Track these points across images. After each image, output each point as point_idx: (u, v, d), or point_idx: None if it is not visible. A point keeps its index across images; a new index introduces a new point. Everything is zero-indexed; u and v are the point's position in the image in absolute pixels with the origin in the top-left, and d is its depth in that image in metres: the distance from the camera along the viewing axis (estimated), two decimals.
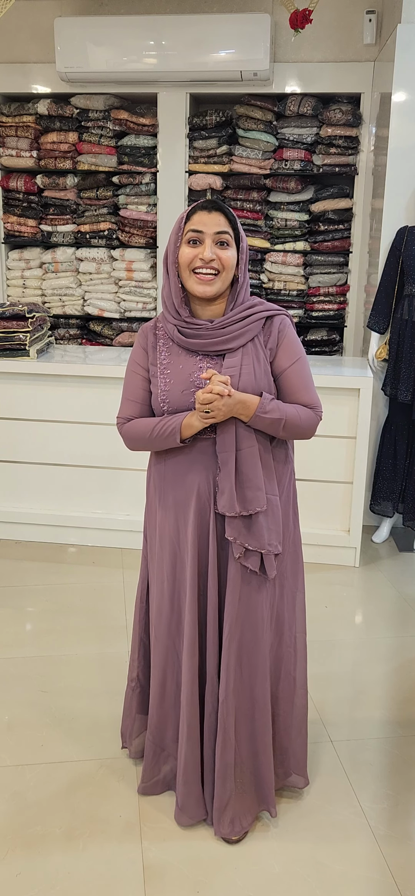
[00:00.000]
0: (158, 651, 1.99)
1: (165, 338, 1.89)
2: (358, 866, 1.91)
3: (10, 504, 3.76)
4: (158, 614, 1.98)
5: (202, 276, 1.78)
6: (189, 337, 1.84)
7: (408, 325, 3.59)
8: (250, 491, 1.80)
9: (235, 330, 1.82)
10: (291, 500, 1.96)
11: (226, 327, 1.82)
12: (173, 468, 1.90)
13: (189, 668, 1.90)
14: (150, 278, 4.67)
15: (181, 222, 1.82)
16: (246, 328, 1.83)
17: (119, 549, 3.69)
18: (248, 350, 1.83)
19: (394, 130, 3.62)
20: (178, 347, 1.87)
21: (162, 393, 1.85)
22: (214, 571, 1.87)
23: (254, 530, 1.82)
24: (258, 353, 1.84)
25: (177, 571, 1.93)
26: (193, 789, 1.97)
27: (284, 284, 4.56)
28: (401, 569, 3.61)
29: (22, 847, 1.93)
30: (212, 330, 1.82)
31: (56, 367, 3.59)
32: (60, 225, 4.72)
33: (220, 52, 4.12)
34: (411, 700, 2.61)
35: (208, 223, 1.78)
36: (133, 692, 2.14)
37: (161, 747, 2.05)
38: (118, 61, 4.19)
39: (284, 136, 4.37)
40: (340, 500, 3.57)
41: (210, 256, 1.77)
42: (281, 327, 1.86)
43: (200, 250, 1.78)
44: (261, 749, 1.95)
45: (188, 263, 1.79)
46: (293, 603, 1.99)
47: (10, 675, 2.67)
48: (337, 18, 4.21)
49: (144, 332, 1.94)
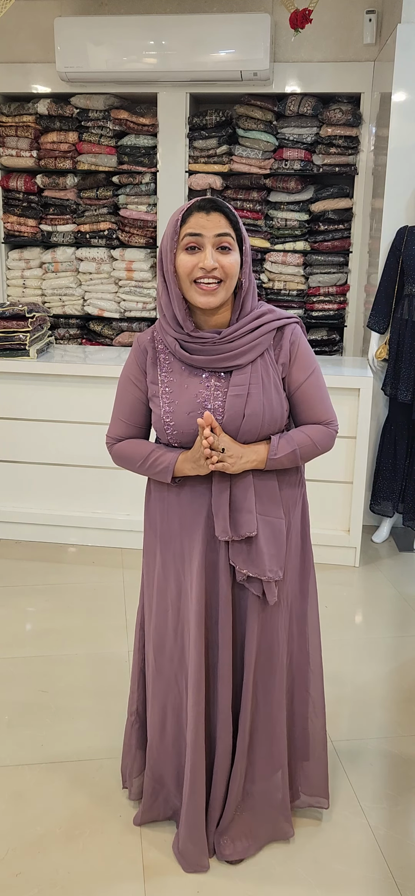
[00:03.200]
0: (159, 685, 1.88)
1: (166, 352, 1.73)
2: (358, 866, 1.91)
3: (10, 504, 3.76)
4: (159, 645, 1.85)
5: (204, 286, 1.61)
6: (193, 353, 1.68)
7: (408, 324, 3.59)
8: (241, 514, 1.70)
9: (245, 343, 1.66)
10: (303, 519, 1.86)
11: (234, 340, 1.67)
12: (177, 493, 1.76)
13: (194, 705, 1.76)
14: (150, 278, 4.67)
15: (176, 225, 1.62)
16: (256, 342, 1.67)
17: (119, 549, 3.69)
18: (257, 367, 1.68)
19: (394, 130, 3.62)
20: (179, 363, 1.71)
21: (166, 415, 1.70)
22: (226, 600, 1.75)
23: (253, 556, 1.71)
24: (268, 369, 1.69)
25: (181, 602, 1.80)
26: (195, 834, 1.84)
27: (284, 284, 4.56)
28: (401, 569, 3.61)
29: (22, 847, 1.93)
30: (219, 344, 1.66)
31: (56, 367, 3.59)
32: (60, 225, 4.72)
33: (220, 52, 4.12)
34: (411, 700, 2.61)
35: (207, 226, 1.60)
36: (133, 727, 2.01)
37: (161, 784, 1.95)
38: (118, 61, 4.19)
39: (284, 135, 4.37)
40: (340, 500, 3.57)
41: (212, 265, 1.59)
42: (293, 339, 1.72)
43: (199, 258, 1.60)
44: (279, 773, 1.89)
45: (188, 273, 1.61)
46: (306, 622, 1.90)
47: (10, 675, 2.67)
48: (337, 18, 4.21)
49: (140, 347, 1.76)
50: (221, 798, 1.86)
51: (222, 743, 1.82)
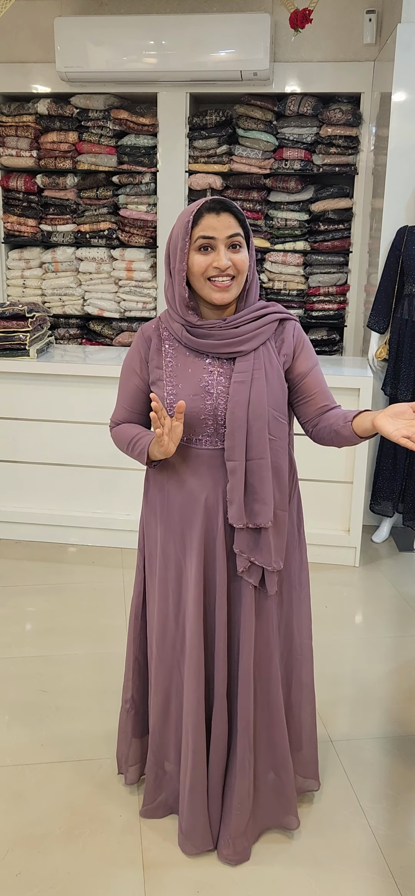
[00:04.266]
0: (161, 671, 1.90)
1: (171, 339, 1.79)
2: (358, 866, 1.91)
3: (10, 504, 3.76)
4: (161, 633, 1.88)
5: (219, 283, 1.68)
6: (200, 337, 1.74)
7: (408, 324, 3.59)
8: (257, 504, 1.73)
9: (250, 331, 1.73)
10: (298, 507, 1.91)
11: (239, 326, 1.73)
12: (176, 479, 1.80)
13: (194, 690, 1.80)
14: (150, 278, 4.67)
15: (188, 226, 1.68)
16: (260, 330, 1.74)
17: (119, 549, 3.69)
18: (259, 354, 1.74)
19: (394, 130, 3.62)
20: (184, 349, 1.77)
21: (169, 396, 1.75)
22: (223, 587, 1.79)
23: (261, 545, 1.75)
24: (271, 358, 1.75)
25: (182, 588, 1.84)
26: (199, 818, 1.88)
27: (284, 284, 4.56)
28: (401, 569, 3.61)
29: (22, 847, 1.93)
30: (225, 329, 1.73)
31: (56, 367, 3.59)
32: (60, 225, 4.72)
33: (220, 52, 4.12)
34: (411, 700, 2.61)
35: (219, 227, 1.67)
36: (128, 714, 2.04)
37: (164, 770, 1.98)
38: (118, 61, 4.19)
39: (284, 135, 4.37)
40: (340, 500, 3.57)
41: (226, 264, 1.67)
42: (296, 333, 1.80)
43: (213, 257, 1.67)
44: (281, 762, 1.90)
45: (202, 272, 1.68)
46: (300, 610, 1.94)
47: (10, 675, 2.67)
48: (337, 18, 4.21)
49: (144, 337, 1.83)
50: (218, 781, 1.88)
51: (217, 728, 1.85)
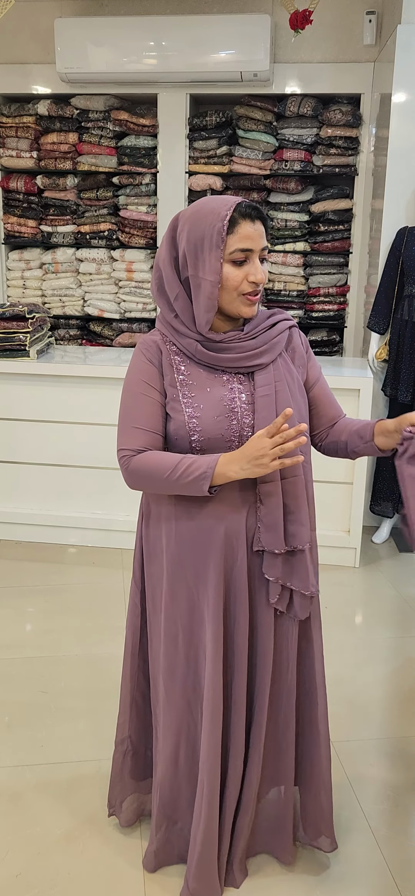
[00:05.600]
0: (171, 716, 1.72)
1: (181, 354, 1.61)
2: (358, 866, 1.90)
3: (10, 504, 3.76)
4: (169, 674, 1.71)
5: (252, 297, 1.56)
6: (218, 352, 1.58)
7: (408, 325, 3.59)
8: (293, 525, 1.60)
9: (267, 340, 1.61)
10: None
11: (257, 336, 1.61)
12: (186, 509, 1.62)
13: (211, 733, 1.64)
14: (150, 279, 4.67)
15: (222, 233, 1.51)
16: (275, 339, 1.62)
17: (119, 549, 3.69)
18: (278, 366, 1.62)
19: (394, 131, 3.62)
20: (197, 366, 1.60)
21: (190, 420, 1.56)
22: (245, 621, 1.63)
23: (298, 569, 1.62)
24: (289, 368, 1.64)
25: (194, 626, 1.66)
26: (208, 873, 1.73)
27: (285, 285, 4.57)
28: (401, 569, 3.61)
29: (22, 847, 1.93)
30: (244, 341, 1.59)
31: (56, 368, 3.59)
32: (60, 225, 4.72)
33: (220, 53, 4.12)
34: (411, 700, 2.61)
35: (256, 237, 1.53)
36: (125, 756, 1.88)
37: (173, 820, 1.81)
38: (118, 62, 4.19)
39: (284, 136, 4.38)
40: (340, 501, 3.57)
41: (264, 278, 1.55)
42: (303, 340, 1.71)
43: (247, 270, 1.53)
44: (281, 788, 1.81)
45: (236, 287, 1.54)
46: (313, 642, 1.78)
47: (10, 675, 2.67)
48: (337, 19, 4.21)
49: (150, 347, 1.62)
50: (229, 827, 1.77)
51: (235, 771, 1.71)
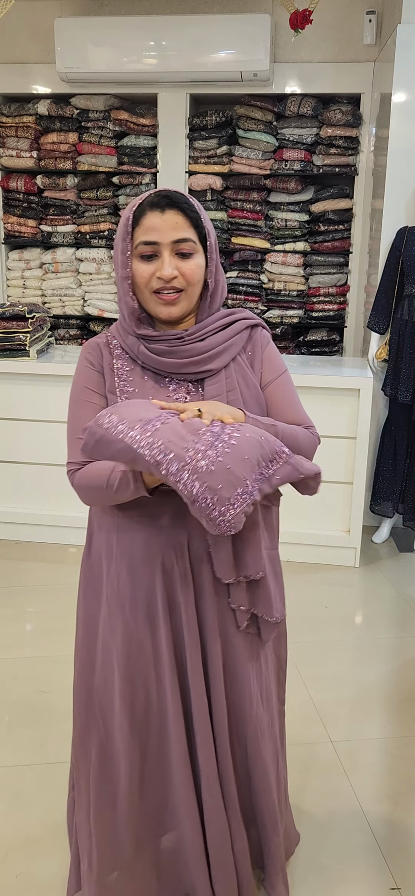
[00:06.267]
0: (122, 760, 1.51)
1: (124, 357, 1.47)
2: (358, 866, 1.91)
3: (10, 504, 3.76)
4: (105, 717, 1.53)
5: (165, 296, 1.40)
6: (161, 354, 1.43)
7: (408, 325, 3.59)
8: (247, 552, 1.42)
9: (217, 343, 1.44)
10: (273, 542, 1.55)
11: (205, 338, 1.44)
12: (128, 523, 1.46)
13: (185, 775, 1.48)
14: None
15: (127, 227, 1.39)
16: (228, 342, 1.45)
17: None
18: (231, 372, 1.45)
19: (394, 131, 3.62)
20: (141, 371, 1.45)
21: None
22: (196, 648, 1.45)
23: (261, 594, 1.46)
24: (245, 374, 1.47)
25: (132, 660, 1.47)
26: None
27: (285, 285, 4.57)
28: (401, 569, 3.62)
29: (22, 847, 1.93)
30: (188, 344, 1.42)
31: (56, 368, 3.60)
32: (60, 225, 4.73)
33: (220, 53, 4.12)
34: (411, 700, 2.61)
35: (163, 229, 1.37)
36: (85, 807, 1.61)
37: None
38: (118, 62, 4.19)
39: (284, 136, 4.38)
40: (340, 501, 3.57)
41: (171, 274, 1.37)
42: (262, 338, 1.52)
43: (156, 266, 1.38)
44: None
45: (145, 284, 1.40)
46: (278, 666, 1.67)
47: (10, 675, 2.67)
48: (337, 18, 4.21)
49: (93, 350, 1.48)
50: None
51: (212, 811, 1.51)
